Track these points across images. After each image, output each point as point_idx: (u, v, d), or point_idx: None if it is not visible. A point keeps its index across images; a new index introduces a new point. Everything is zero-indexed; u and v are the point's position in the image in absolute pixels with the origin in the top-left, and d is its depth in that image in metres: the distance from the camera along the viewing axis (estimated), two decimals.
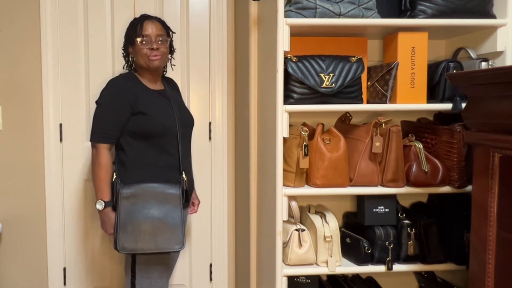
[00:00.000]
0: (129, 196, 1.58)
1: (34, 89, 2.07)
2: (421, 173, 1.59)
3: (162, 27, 1.69)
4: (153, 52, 1.63)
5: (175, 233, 1.57)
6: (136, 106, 1.59)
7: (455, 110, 1.56)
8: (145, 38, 1.63)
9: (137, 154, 1.63)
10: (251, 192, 1.86)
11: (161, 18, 1.73)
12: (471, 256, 1.22)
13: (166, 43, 1.68)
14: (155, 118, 1.61)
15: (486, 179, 1.15)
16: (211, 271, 2.23)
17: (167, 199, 1.60)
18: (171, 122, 1.65)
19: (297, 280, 1.69)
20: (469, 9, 1.58)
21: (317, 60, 1.56)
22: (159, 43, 1.65)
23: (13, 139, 2.08)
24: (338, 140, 1.61)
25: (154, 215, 1.57)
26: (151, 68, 1.65)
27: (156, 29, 1.65)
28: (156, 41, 1.64)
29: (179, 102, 1.80)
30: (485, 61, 1.57)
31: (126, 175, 1.62)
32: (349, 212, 1.91)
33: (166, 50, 1.68)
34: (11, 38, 2.05)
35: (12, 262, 2.13)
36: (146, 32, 1.64)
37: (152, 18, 1.69)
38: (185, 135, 1.73)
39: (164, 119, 1.64)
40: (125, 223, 1.56)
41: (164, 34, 1.68)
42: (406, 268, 1.66)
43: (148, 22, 1.66)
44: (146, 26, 1.65)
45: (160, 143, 1.64)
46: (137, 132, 1.61)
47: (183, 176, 1.66)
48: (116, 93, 1.61)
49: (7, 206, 2.10)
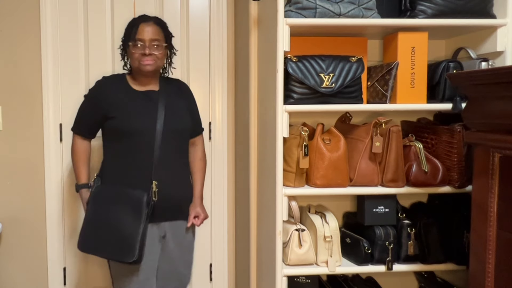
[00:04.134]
0: (95, 196, 1.60)
1: (34, 89, 2.07)
2: (421, 173, 1.59)
3: (159, 31, 1.64)
4: (145, 57, 1.60)
5: (128, 242, 1.50)
6: (107, 111, 1.61)
7: (455, 110, 1.56)
8: (138, 42, 1.60)
9: (111, 155, 1.66)
10: (251, 192, 1.86)
11: (161, 19, 1.69)
12: (471, 256, 1.22)
13: (161, 48, 1.64)
14: (124, 120, 1.59)
15: (486, 179, 1.15)
16: (211, 271, 2.23)
17: (131, 206, 1.53)
18: (145, 125, 1.59)
19: (297, 280, 1.69)
20: (469, 9, 1.58)
21: (317, 60, 1.56)
22: (154, 47, 1.61)
23: (13, 139, 2.08)
24: (338, 140, 1.61)
25: (113, 220, 1.53)
26: (143, 72, 1.64)
27: (151, 33, 1.61)
28: (149, 46, 1.60)
29: (174, 105, 1.68)
30: (485, 61, 1.57)
31: (103, 174, 1.67)
32: (349, 212, 1.91)
33: (160, 55, 1.64)
34: (11, 38, 2.05)
35: (12, 262, 2.13)
36: (140, 36, 1.60)
37: (150, 21, 1.64)
38: (169, 140, 1.62)
39: (136, 121, 1.60)
40: (89, 223, 1.58)
41: (160, 39, 1.63)
42: (406, 268, 1.66)
43: (143, 26, 1.61)
44: (140, 30, 1.60)
45: (131, 146, 1.59)
46: (107, 134, 1.67)
47: (153, 185, 1.56)
48: (91, 95, 1.69)
49: (7, 206, 2.10)
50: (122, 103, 1.62)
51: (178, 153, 1.70)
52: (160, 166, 1.60)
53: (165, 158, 1.61)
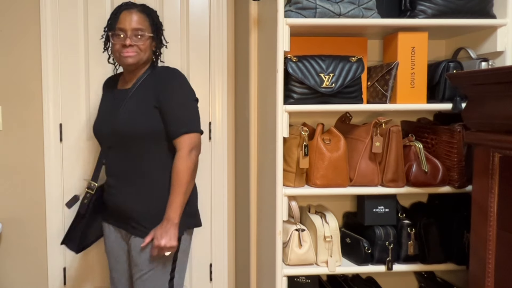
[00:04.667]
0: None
1: (34, 89, 2.07)
2: (421, 173, 1.59)
3: (144, 19, 1.49)
4: (125, 48, 1.46)
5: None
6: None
7: (455, 110, 1.56)
8: (119, 31, 1.47)
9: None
10: (251, 192, 1.86)
11: (149, 6, 1.56)
12: (471, 256, 1.22)
13: (145, 38, 1.48)
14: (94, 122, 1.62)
15: (486, 179, 1.16)
16: (211, 271, 2.23)
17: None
18: (98, 128, 1.58)
19: (297, 280, 1.69)
20: (469, 9, 1.58)
21: (317, 60, 1.56)
22: (137, 37, 1.47)
23: (13, 139, 2.08)
24: (338, 140, 1.61)
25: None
26: (124, 65, 1.51)
27: (134, 22, 1.46)
28: (131, 36, 1.46)
29: (134, 104, 1.48)
30: (485, 61, 1.57)
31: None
32: (349, 212, 1.91)
33: (143, 46, 1.48)
34: (11, 38, 2.05)
35: (12, 262, 2.13)
36: (121, 26, 1.46)
37: (133, 8, 1.49)
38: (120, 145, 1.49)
39: (95, 123, 1.60)
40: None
41: (143, 28, 1.48)
42: (406, 268, 1.66)
43: (125, 14, 1.47)
44: (122, 18, 1.46)
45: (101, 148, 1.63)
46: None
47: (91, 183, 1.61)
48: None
49: (7, 206, 2.10)
50: (102, 104, 1.65)
51: (133, 160, 1.49)
52: (109, 171, 1.57)
53: (113, 164, 1.54)
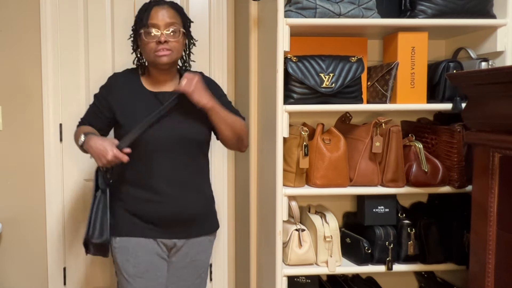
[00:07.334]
0: None
1: (34, 89, 2.07)
2: (421, 173, 1.59)
3: (176, 14, 1.44)
4: (160, 46, 1.39)
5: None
6: (112, 110, 1.48)
7: (455, 110, 1.56)
8: (151, 28, 1.40)
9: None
10: (251, 192, 1.86)
11: (178, 4, 1.49)
12: (471, 256, 1.22)
13: (179, 34, 1.43)
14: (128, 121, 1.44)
15: (486, 179, 1.16)
16: (211, 271, 2.23)
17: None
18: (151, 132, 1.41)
19: (297, 280, 1.69)
20: (469, 9, 1.58)
21: (317, 60, 1.56)
22: (171, 34, 1.40)
23: (13, 139, 2.08)
24: (338, 140, 1.61)
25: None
26: (159, 65, 1.43)
27: (167, 16, 1.40)
28: (164, 31, 1.40)
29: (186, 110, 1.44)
30: (485, 61, 1.57)
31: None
32: (349, 212, 1.91)
33: (178, 43, 1.43)
34: (11, 38, 2.05)
35: (12, 262, 2.13)
36: (153, 21, 1.40)
37: (165, 4, 1.44)
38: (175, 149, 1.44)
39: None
40: None
41: (177, 23, 1.43)
42: (406, 268, 1.66)
43: (157, 9, 1.41)
44: (154, 14, 1.40)
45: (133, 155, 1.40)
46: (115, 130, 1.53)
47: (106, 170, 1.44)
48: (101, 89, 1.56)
49: (7, 206, 2.10)
50: (130, 105, 1.46)
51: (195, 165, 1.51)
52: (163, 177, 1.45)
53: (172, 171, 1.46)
